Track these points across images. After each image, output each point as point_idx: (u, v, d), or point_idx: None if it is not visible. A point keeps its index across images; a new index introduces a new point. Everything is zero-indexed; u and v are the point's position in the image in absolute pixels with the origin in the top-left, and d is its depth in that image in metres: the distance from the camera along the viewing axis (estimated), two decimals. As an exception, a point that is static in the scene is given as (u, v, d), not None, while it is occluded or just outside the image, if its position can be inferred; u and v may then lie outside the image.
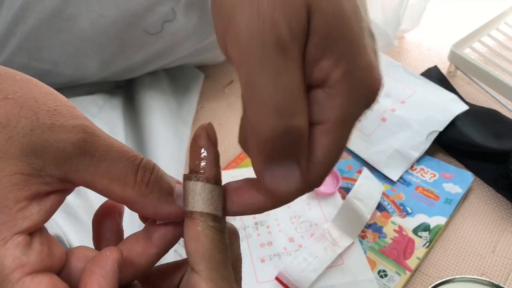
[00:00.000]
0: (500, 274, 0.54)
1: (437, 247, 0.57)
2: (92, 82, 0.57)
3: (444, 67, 0.77)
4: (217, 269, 0.25)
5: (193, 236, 0.25)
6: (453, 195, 0.60)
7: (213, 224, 0.25)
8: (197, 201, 0.26)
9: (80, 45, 0.50)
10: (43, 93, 0.24)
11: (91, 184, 0.25)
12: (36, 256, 0.23)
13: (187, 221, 0.25)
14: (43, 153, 0.23)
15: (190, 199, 0.26)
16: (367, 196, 0.58)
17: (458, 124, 0.66)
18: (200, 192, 0.26)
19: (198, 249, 0.25)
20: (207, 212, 0.25)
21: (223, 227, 0.26)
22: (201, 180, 0.26)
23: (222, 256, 0.25)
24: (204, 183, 0.26)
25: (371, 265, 0.54)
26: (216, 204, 0.26)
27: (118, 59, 0.54)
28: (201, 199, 0.26)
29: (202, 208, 0.25)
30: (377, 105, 0.75)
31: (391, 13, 0.75)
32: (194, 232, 0.25)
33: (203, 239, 0.25)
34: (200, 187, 0.26)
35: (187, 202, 0.26)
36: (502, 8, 0.82)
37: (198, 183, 0.26)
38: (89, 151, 0.24)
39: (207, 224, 0.25)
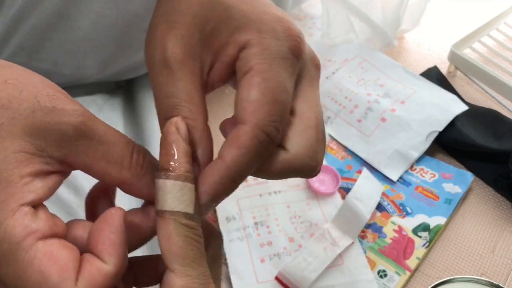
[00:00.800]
0: (499, 274, 0.54)
1: (437, 247, 0.57)
2: (92, 82, 0.57)
3: (444, 67, 0.77)
4: (192, 266, 0.25)
5: (165, 235, 0.25)
6: (453, 195, 0.60)
7: (185, 221, 0.25)
8: (166, 200, 0.25)
9: (80, 45, 0.50)
10: (40, 81, 0.26)
11: (89, 167, 0.26)
12: (44, 223, 0.24)
13: (158, 220, 0.25)
14: (45, 134, 0.24)
15: (160, 198, 0.25)
16: (367, 196, 0.58)
17: (458, 124, 0.66)
18: (170, 190, 0.25)
19: (171, 248, 0.25)
20: (178, 210, 0.25)
21: (196, 224, 0.26)
22: (171, 178, 0.25)
23: (196, 253, 0.25)
24: (174, 181, 0.25)
25: (370, 265, 0.54)
26: (187, 202, 0.25)
27: (118, 59, 0.54)
28: (170, 198, 0.25)
29: (172, 206, 0.25)
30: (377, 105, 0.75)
31: (391, 13, 0.75)
32: (166, 231, 0.25)
33: (175, 238, 0.25)
34: (170, 185, 0.25)
35: (157, 201, 0.25)
36: (502, 8, 0.82)
37: (167, 181, 0.25)
38: (88, 134, 0.25)
39: (178, 222, 0.25)
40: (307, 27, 0.82)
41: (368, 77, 0.72)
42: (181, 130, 0.26)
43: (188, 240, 0.25)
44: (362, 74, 0.72)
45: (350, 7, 0.73)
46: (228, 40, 0.28)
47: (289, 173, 0.28)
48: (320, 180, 0.62)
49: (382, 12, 0.75)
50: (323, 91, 0.71)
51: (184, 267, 0.25)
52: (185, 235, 0.25)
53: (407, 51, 0.83)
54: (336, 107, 0.69)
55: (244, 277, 0.53)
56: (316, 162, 0.28)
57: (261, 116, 0.26)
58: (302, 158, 0.27)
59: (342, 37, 0.77)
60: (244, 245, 0.55)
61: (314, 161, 0.27)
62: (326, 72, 0.73)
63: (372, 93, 0.69)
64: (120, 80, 0.61)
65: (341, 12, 0.74)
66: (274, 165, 0.27)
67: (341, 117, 0.68)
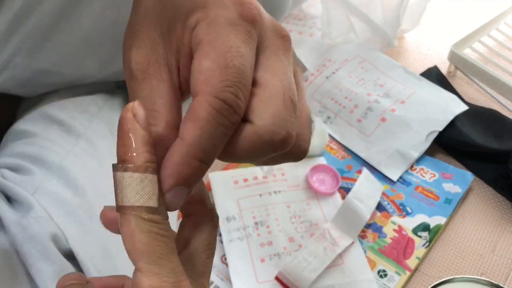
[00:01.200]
0: (499, 274, 0.54)
1: (437, 247, 0.57)
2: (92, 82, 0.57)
3: (444, 67, 0.77)
4: (159, 264, 0.23)
5: (127, 232, 0.23)
6: (453, 195, 0.60)
7: (148, 216, 0.24)
8: (125, 194, 0.23)
9: (80, 45, 0.50)
10: None
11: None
12: None
13: (119, 217, 0.24)
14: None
15: (119, 192, 0.23)
16: (367, 196, 0.58)
17: (458, 124, 0.66)
18: (128, 183, 0.23)
19: (135, 245, 0.23)
20: (138, 205, 0.23)
21: (161, 217, 0.24)
22: (129, 170, 0.23)
23: (163, 248, 0.24)
24: (132, 173, 0.23)
25: (371, 265, 0.54)
26: (149, 195, 0.24)
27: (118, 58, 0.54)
28: (129, 192, 0.23)
29: (132, 201, 0.23)
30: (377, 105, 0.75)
31: (391, 13, 0.75)
32: (128, 228, 0.23)
33: (139, 235, 0.23)
34: (128, 177, 0.23)
35: (117, 195, 0.24)
36: (502, 8, 0.82)
37: (125, 174, 0.23)
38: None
39: (140, 218, 0.23)
40: (307, 27, 0.82)
41: (368, 77, 0.72)
42: (138, 115, 0.24)
43: (152, 235, 0.23)
44: (362, 74, 0.72)
45: (350, 7, 0.73)
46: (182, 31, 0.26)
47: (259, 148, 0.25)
48: (320, 180, 0.62)
49: (382, 12, 0.75)
50: (323, 91, 0.71)
51: (150, 265, 0.23)
52: (149, 231, 0.23)
53: (407, 51, 0.83)
54: (336, 107, 0.69)
55: (244, 277, 0.53)
56: (285, 131, 0.25)
57: (214, 83, 0.24)
58: (269, 128, 0.24)
59: (342, 37, 0.77)
60: (244, 245, 0.55)
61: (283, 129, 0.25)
62: (326, 72, 0.73)
63: (372, 93, 0.69)
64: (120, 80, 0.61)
65: (341, 12, 0.74)
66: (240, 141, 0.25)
67: (341, 117, 0.68)
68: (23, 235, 0.39)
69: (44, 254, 0.39)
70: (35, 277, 0.38)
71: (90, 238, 0.42)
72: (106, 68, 0.55)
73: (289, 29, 0.81)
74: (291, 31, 0.81)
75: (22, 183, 0.43)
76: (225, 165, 0.64)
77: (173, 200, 0.24)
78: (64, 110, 0.53)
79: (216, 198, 0.59)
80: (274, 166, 0.63)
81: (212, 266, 0.28)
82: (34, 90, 0.55)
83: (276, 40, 0.27)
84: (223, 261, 0.55)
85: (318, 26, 0.82)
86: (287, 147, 0.25)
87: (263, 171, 0.62)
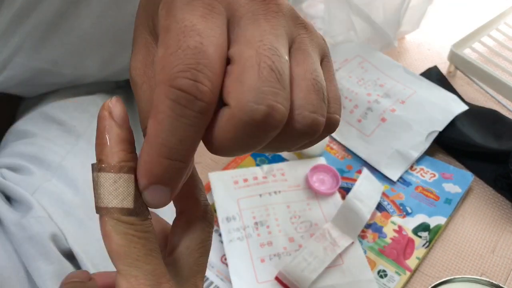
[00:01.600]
0: (499, 274, 0.54)
1: (437, 247, 0.57)
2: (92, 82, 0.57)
3: (444, 67, 0.77)
4: (136, 266, 0.23)
5: (104, 234, 0.23)
6: (453, 195, 0.60)
7: (123, 218, 0.23)
8: (100, 195, 0.23)
9: (80, 44, 0.50)
10: None
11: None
12: None
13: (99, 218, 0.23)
14: None
15: (95, 193, 0.23)
16: (367, 196, 0.58)
17: (458, 124, 0.66)
18: (102, 184, 0.23)
19: (111, 247, 0.23)
20: (112, 206, 0.23)
21: (137, 218, 0.23)
22: (102, 170, 0.23)
23: (140, 250, 0.23)
24: (106, 174, 0.23)
25: (371, 265, 0.54)
26: (124, 195, 0.23)
27: (118, 58, 0.54)
28: (103, 192, 0.23)
29: (106, 202, 0.23)
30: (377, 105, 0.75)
31: (392, 14, 0.75)
32: (105, 230, 0.23)
33: (114, 237, 0.23)
34: (102, 178, 0.23)
35: (95, 196, 0.23)
36: (502, 8, 0.82)
37: (99, 174, 0.23)
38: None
39: (115, 219, 0.23)
40: (307, 27, 0.82)
41: (368, 77, 0.72)
42: (114, 113, 0.23)
43: (128, 237, 0.23)
44: (362, 74, 0.72)
45: (352, 7, 0.73)
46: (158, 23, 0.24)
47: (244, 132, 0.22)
48: (320, 180, 0.62)
49: (383, 13, 0.75)
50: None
51: (128, 267, 0.23)
52: (125, 233, 0.23)
53: (407, 51, 0.83)
54: (336, 107, 0.69)
55: (244, 277, 0.53)
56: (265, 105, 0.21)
57: (167, 71, 0.21)
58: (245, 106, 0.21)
59: (343, 35, 0.77)
60: (244, 245, 0.55)
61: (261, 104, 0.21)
62: (326, 72, 0.73)
63: (372, 93, 0.69)
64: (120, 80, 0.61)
65: (343, 11, 0.74)
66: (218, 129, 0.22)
67: (341, 117, 0.68)
68: (23, 234, 0.39)
69: (43, 253, 0.39)
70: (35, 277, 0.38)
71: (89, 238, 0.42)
72: (106, 68, 0.55)
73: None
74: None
75: (22, 183, 0.43)
76: (225, 165, 0.64)
77: (152, 199, 0.23)
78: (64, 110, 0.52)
79: (216, 198, 0.59)
80: (273, 166, 0.63)
81: (207, 264, 0.27)
82: (34, 90, 0.55)
83: (254, 5, 0.23)
84: (223, 261, 0.55)
85: (317, 26, 0.82)
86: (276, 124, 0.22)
87: (263, 171, 0.62)
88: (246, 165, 0.64)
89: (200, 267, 0.27)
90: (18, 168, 0.45)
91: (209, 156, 0.66)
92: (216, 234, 0.57)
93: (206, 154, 0.66)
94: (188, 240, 0.26)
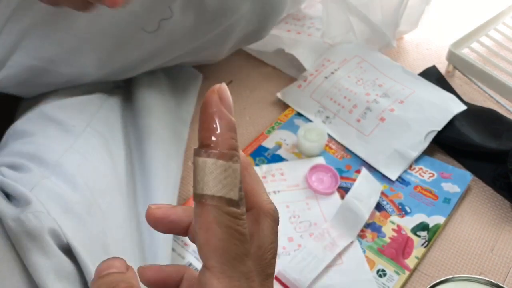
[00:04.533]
0: (498, 273, 0.54)
1: (436, 247, 0.57)
2: (90, 82, 0.57)
3: (443, 67, 0.77)
4: (233, 265, 0.21)
5: (203, 224, 0.21)
6: (452, 195, 0.60)
7: (228, 209, 0.21)
8: (207, 182, 0.21)
9: (77, 43, 0.50)
10: None
11: None
12: None
13: (196, 206, 0.21)
14: None
15: (199, 180, 0.21)
16: (366, 195, 0.58)
17: (456, 124, 0.66)
18: (211, 171, 0.21)
19: (209, 240, 0.21)
20: (220, 195, 0.21)
21: (241, 212, 0.22)
22: (212, 157, 0.21)
23: (238, 248, 0.21)
24: (216, 160, 0.21)
25: (370, 265, 0.54)
26: (231, 186, 0.21)
27: (115, 57, 0.54)
28: (212, 180, 0.21)
29: (213, 191, 0.21)
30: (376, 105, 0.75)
31: (390, 15, 0.75)
32: (205, 220, 0.21)
33: (216, 229, 0.21)
34: (211, 164, 0.21)
35: (197, 183, 0.21)
36: (501, 8, 0.82)
37: (208, 160, 0.21)
38: None
39: (220, 210, 0.21)
40: (306, 27, 0.82)
41: (367, 77, 0.72)
42: (224, 100, 0.22)
43: (230, 232, 0.21)
44: (361, 74, 0.73)
45: (350, 7, 0.73)
46: None
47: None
48: (319, 179, 0.62)
49: (382, 14, 0.75)
50: (322, 91, 0.71)
51: (223, 265, 0.21)
52: (227, 226, 0.21)
53: (406, 51, 0.83)
54: (335, 107, 0.69)
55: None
56: None
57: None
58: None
59: (341, 36, 0.77)
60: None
61: None
62: (325, 72, 0.73)
63: (371, 93, 0.69)
64: (118, 79, 0.61)
65: (341, 12, 0.75)
66: None
67: (340, 116, 0.68)
68: (21, 229, 0.39)
69: (41, 248, 0.39)
70: (32, 272, 0.38)
71: (88, 233, 0.42)
72: (104, 67, 0.55)
73: (288, 29, 0.81)
74: (290, 31, 0.81)
75: (21, 180, 0.43)
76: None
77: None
78: (62, 110, 0.53)
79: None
80: (272, 166, 0.63)
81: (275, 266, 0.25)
82: (32, 90, 0.55)
83: None
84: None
85: (316, 26, 0.82)
86: None
87: (262, 171, 0.62)
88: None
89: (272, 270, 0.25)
90: (17, 167, 0.45)
91: (208, 156, 0.66)
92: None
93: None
94: (259, 240, 0.24)
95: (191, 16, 0.54)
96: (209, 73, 0.76)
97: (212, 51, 0.64)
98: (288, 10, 0.81)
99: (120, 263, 0.24)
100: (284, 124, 0.69)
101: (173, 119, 0.62)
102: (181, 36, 0.56)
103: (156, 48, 0.56)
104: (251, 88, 0.76)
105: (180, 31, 0.55)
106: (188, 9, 0.53)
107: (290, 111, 0.71)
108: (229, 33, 0.60)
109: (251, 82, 0.77)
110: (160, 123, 0.58)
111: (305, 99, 0.71)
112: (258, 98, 0.75)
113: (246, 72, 0.78)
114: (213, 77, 0.76)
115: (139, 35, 0.53)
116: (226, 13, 0.56)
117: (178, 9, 0.52)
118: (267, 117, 0.72)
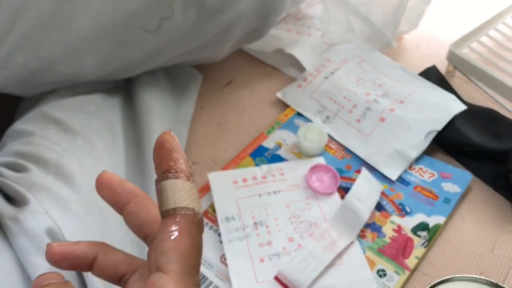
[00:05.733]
0: (499, 273, 0.54)
1: (436, 247, 0.57)
2: (90, 81, 0.57)
3: (443, 67, 0.77)
4: (191, 273, 0.23)
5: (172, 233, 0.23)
6: (452, 195, 0.60)
7: (197, 221, 0.24)
8: (179, 197, 0.24)
9: (77, 43, 0.50)
10: None
11: None
12: None
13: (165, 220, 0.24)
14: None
15: (170, 196, 0.24)
16: (366, 195, 0.58)
17: (456, 124, 0.66)
18: (180, 188, 0.24)
19: (176, 247, 0.23)
20: (191, 207, 0.24)
21: (203, 228, 0.24)
22: (180, 178, 0.25)
23: (198, 260, 0.24)
24: (184, 180, 0.25)
25: (370, 265, 0.54)
26: (197, 201, 0.25)
27: (115, 57, 0.54)
28: (183, 195, 0.24)
29: (185, 203, 0.24)
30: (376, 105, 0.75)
31: (390, 15, 0.75)
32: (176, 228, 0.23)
33: (184, 238, 0.23)
34: (180, 183, 0.24)
35: (166, 200, 0.24)
36: (501, 8, 0.82)
37: (177, 181, 0.25)
38: None
39: (190, 221, 0.24)
40: (306, 27, 0.82)
41: (367, 77, 0.72)
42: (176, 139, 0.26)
43: (195, 242, 0.23)
44: (361, 74, 0.73)
45: (350, 7, 0.73)
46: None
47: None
48: (319, 179, 0.62)
49: (382, 13, 0.75)
50: (322, 91, 0.71)
51: (183, 272, 0.23)
52: (193, 237, 0.23)
53: (406, 51, 0.83)
54: (335, 107, 0.69)
55: (243, 277, 0.53)
56: None
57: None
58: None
59: (341, 36, 0.77)
60: (243, 245, 0.55)
61: None
62: (325, 72, 0.73)
63: (371, 93, 0.69)
64: (118, 79, 0.61)
65: (341, 12, 0.75)
66: None
67: (340, 117, 0.68)
68: (18, 229, 0.39)
69: (39, 248, 0.39)
70: (29, 271, 0.38)
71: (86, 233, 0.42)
72: (104, 66, 0.55)
73: (288, 29, 0.81)
74: (290, 31, 0.81)
75: (19, 180, 0.43)
76: (223, 165, 0.64)
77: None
78: (62, 109, 0.53)
79: (215, 198, 0.59)
80: (272, 166, 0.63)
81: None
82: (32, 89, 0.55)
83: None
84: (223, 261, 0.55)
85: (316, 26, 0.82)
86: None
87: (262, 171, 0.62)
88: (245, 165, 0.64)
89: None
90: (16, 166, 0.45)
91: (208, 157, 0.66)
92: (215, 234, 0.57)
93: (205, 154, 0.66)
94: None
95: (192, 14, 0.54)
96: (209, 73, 0.76)
97: (213, 50, 0.64)
98: (288, 9, 0.81)
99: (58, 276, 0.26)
100: (284, 124, 0.69)
101: (173, 119, 0.62)
102: (181, 35, 0.56)
103: (156, 48, 0.56)
104: (251, 88, 0.76)
105: (180, 30, 0.55)
106: (189, 7, 0.53)
107: (290, 111, 0.71)
108: (230, 32, 0.60)
109: (251, 82, 0.77)
110: (160, 123, 0.58)
111: (305, 99, 0.71)
112: (258, 98, 0.75)
113: (246, 72, 0.78)
114: (213, 77, 0.76)
115: (140, 34, 0.53)
116: (227, 11, 0.56)
117: (179, 8, 0.52)
118: (267, 117, 0.72)
